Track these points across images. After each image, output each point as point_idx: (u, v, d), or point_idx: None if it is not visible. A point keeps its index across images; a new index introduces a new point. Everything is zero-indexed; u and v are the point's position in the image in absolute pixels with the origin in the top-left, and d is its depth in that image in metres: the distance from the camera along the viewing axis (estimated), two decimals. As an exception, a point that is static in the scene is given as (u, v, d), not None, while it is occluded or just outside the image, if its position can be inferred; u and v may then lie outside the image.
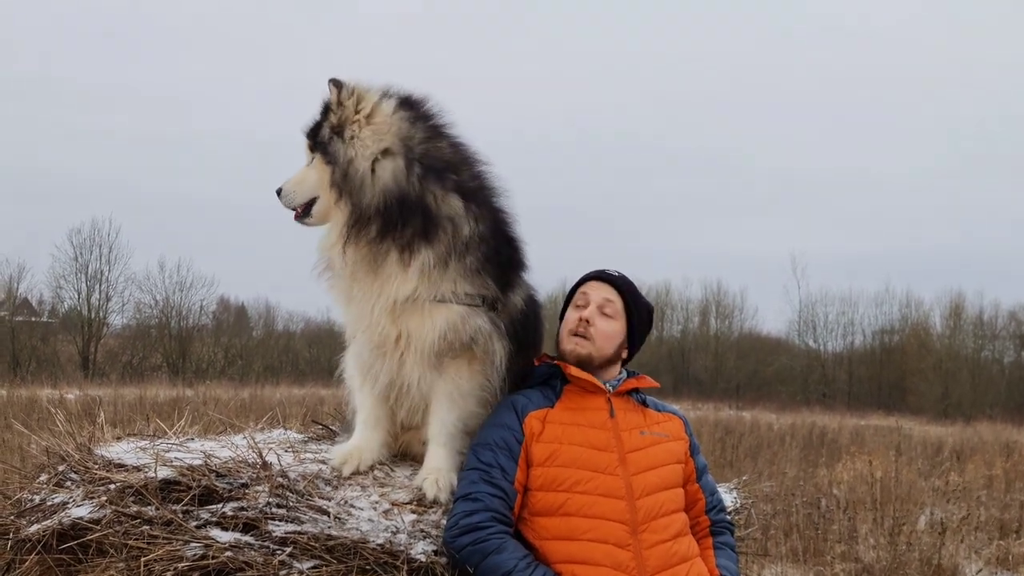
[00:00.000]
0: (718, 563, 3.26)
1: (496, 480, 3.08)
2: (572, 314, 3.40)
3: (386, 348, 3.31)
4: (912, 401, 42.17)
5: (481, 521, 2.98)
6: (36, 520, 3.08)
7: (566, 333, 3.38)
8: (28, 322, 40.63)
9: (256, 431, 3.96)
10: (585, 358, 3.30)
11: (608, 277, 3.44)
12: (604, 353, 3.33)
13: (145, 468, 3.14)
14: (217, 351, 43.23)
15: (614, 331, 3.36)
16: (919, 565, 8.06)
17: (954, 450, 17.61)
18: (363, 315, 3.29)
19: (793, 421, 24.08)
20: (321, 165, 3.29)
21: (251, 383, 28.62)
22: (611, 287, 3.41)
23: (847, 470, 13.28)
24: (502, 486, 3.07)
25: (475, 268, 3.23)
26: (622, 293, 3.40)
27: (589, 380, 3.26)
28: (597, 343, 3.32)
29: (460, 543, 2.94)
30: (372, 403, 3.45)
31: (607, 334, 3.34)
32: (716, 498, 3.45)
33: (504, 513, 3.04)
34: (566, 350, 3.34)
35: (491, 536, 2.95)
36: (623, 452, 3.16)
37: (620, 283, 3.42)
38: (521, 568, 2.91)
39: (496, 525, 3.00)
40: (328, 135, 3.28)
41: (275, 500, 3.00)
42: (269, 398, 18.90)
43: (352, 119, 3.25)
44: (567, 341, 3.36)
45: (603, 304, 3.37)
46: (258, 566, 2.73)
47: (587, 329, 3.32)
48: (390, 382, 3.36)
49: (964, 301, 46.79)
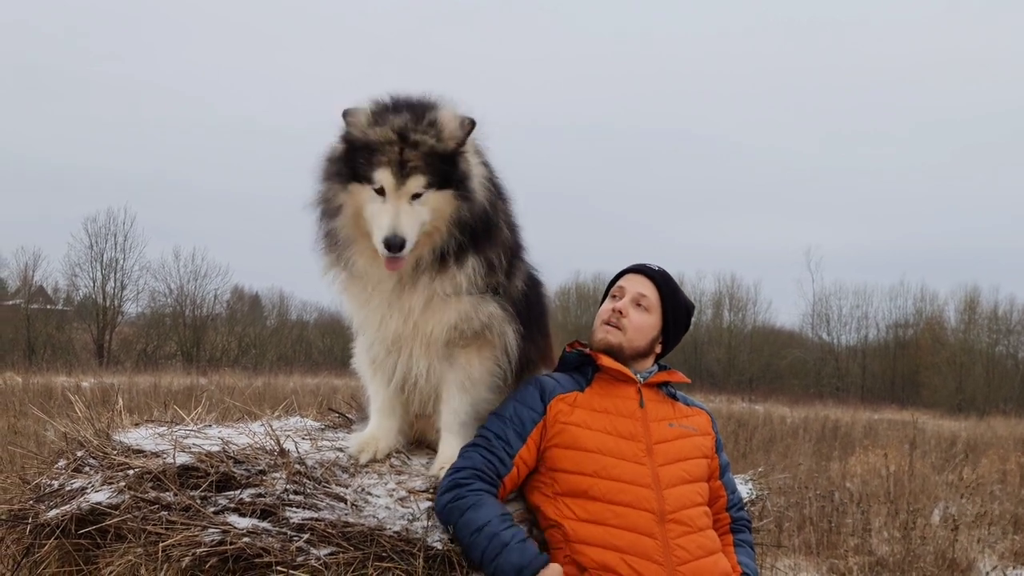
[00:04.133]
0: (739, 560, 3.26)
1: (494, 449, 3.09)
2: (607, 304, 3.42)
3: (400, 344, 3.31)
4: (926, 395, 42.01)
5: (463, 478, 3.00)
6: (55, 505, 3.10)
7: (599, 323, 3.39)
8: (43, 310, 40.82)
9: (273, 419, 3.97)
10: (615, 347, 3.31)
11: (647, 271, 3.45)
12: (635, 345, 3.34)
13: (163, 454, 3.16)
14: (231, 340, 43.33)
15: (647, 324, 3.36)
16: (933, 559, 8.03)
17: (968, 444, 17.53)
18: (381, 318, 3.27)
19: (806, 414, 24.01)
20: (445, 198, 3.06)
21: (264, 372, 28.68)
22: (649, 281, 3.42)
23: (860, 463, 13.25)
24: (498, 455, 3.08)
25: (489, 259, 3.23)
26: (659, 288, 3.40)
27: (620, 370, 3.26)
28: (628, 334, 3.32)
29: (442, 501, 2.96)
30: (386, 392, 3.46)
31: (639, 326, 3.34)
32: (737, 496, 3.45)
33: (488, 474, 3.04)
34: (596, 338, 3.36)
35: (469, 492, 2.95)
36: (651, 443, 3.17)
37: (658, 278, 3.43)
38: (495, 523, 2.89)
39: (476, 482, 3.00)
40: (447, 166, 3.05)
41: (292, 487, 3.01)
42: (283, 387, 18.94)
43: (462, 146, 3.10)
44: (599, 330, 3.37)
45: (638, 297, 3.37)
46: (275, 552, 2.74)
47: (619, 320, 3.33)
48: (403, 374, 3.37)
49: (979, 295, 46.58)
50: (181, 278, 42.71)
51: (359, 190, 3.05)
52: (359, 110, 3.09)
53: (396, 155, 2.99)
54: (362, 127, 3.05)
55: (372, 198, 3.03)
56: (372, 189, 3.02)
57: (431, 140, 3.01)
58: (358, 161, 3.04)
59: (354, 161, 3.05)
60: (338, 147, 3.13)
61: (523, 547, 2.87)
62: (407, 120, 3.02)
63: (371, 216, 3.04)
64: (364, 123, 3.05)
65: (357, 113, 3.08)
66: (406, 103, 3.11)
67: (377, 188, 3.01)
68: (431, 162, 3.01)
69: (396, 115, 3.04)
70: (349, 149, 3.08)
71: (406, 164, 2.99)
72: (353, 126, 3.06)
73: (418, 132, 3.01)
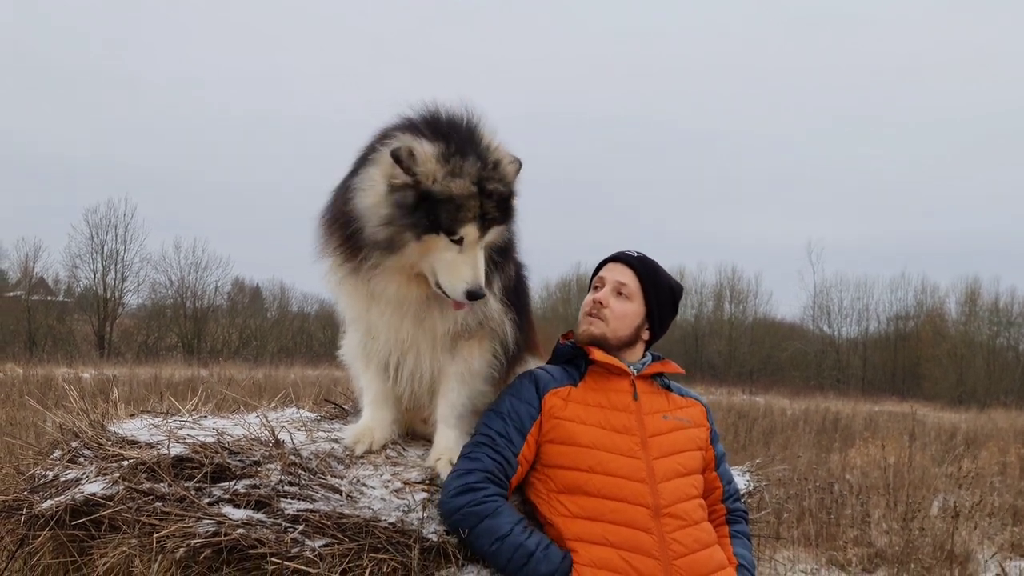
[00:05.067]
0: (735, 552, 3.25)
1: (499, 448, 3.07)
2: (588, 297, 3.40)
3: (407, 343, 3.30)
4: (926, 387, 42.02)
5: (476, 481, 2.98)
6: (49, 496, 3.09)
7: (582, 315, 3.38)
8: (44, 301, 40.80)
9: (269, 410, 3.97)
10: (599, 338, 3.29)
11: (626, 258, 3.41)
12: (619, 334, 3.32)
13: (158, 445, 3.16)
14: (232, 332, 43.33)
15: (629, 312, 3.34)
16: (932, 551, 8.03)
17: (968, 436, 17.54)
18: (389, 321, 3.25)
19: (807, 406, 24.01)
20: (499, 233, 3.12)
21: (265, 364, 28.70)
22: (628, 268, 3.38)
23: (860, 455, 13.26)
24: (504, 454, 3.07)
25: (507, 267, 3.27)
26: (639, 274, 3.37)
27: (613, 363, 3.25)
28: (611, 324, 3.30)
29: (455, 504, 2.94)
30: (381, 384, 3.44)
31: (621, 315, 3.32)
32: (733, 487, 3.43)
33: (499, 476, 3.04)
34: (580, 331, 3.34)
35: (487, 499, 2.95)
36: (645, 436, 3.15)
37: (637, 264, 3.39)
38: (518, 532, 2.90)
39: (491, 487, 2.99)
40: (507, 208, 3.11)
41: (287, 478, 3.00)
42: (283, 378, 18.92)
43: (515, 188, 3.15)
44: (582, 322, 3.35)
45: (618, 285, 3.35)
46: (270, 543, 2.73)
47: (600, 310, 3.31)
48: (408, 371, 3.36)
49: (980, 287, 46.57)
50: (182, 269, 42.71)
51: (434, 240, 3.00)
52: (423, 153, 2.95)
53: (478, 209, 2.98)
54: (436, 177, 2.94)
55: (447, 247, 3.00)
56: (450, 239, 2.99)
57: (502, 188, 3.03)
58: (440, 214, 2.95)
59: (434, 214, 2.95)
60: (408, 194, 2.96)
61: (547, 554, 2.90)
62: (479, 168, 2.99)
63: (444, 264, 3.01)
64: (437, 171, 2.94)
65: (423, 158, 2.95)
66: (460, 138, 3.03)
67: (456, 239, 2.99)
68: (503, 209, 3.06)
69: (465, 160, 2.98)
70: (424, 199, 2.95)
71: (486, 216, 3.01)
72: (425, 176, 2.94)
73: (492, 181, 3.01)
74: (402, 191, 2.96)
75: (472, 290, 3.00)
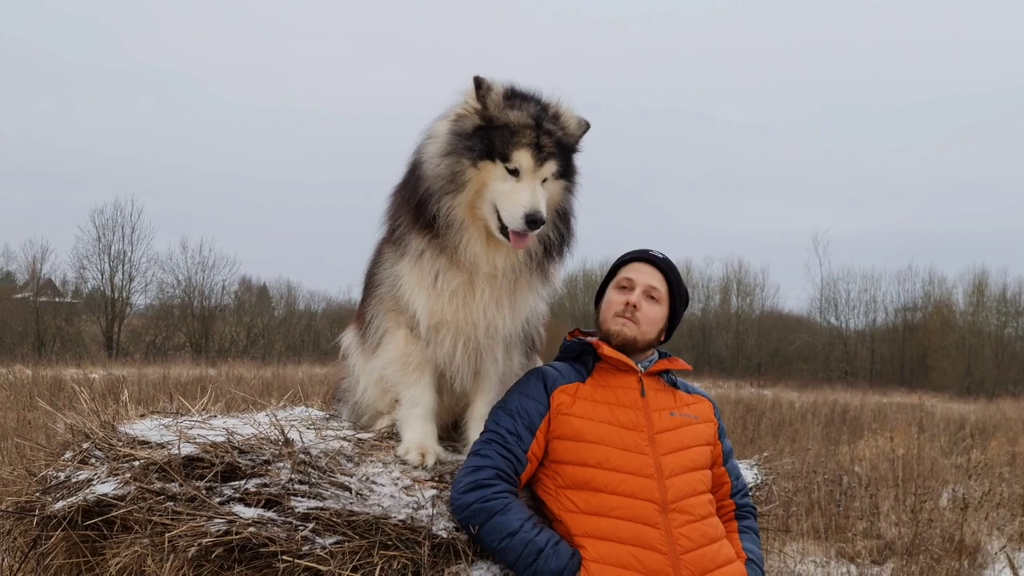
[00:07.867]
0: (744, 547, 3.25)
1: (509, 445, 3.09)
2: (617, 296, 3.38)
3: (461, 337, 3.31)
4: (935, 378, 41.87)
5: (486, 478, 3.00)
6: (61, 497, 3.11)
7: (611, 315, 3.35)
8: (52, 302, 40.87)
9: (278, 409, 3.99)
10: (631, 341, 3.30)
11: (653, 259, 3.41)
12: (648, 337, 3.33)
13: (169, 445, 3.17)
14: (239, 331, 43.37)
15: (659, 316, 3.36)
16: (941, 542, 8.03)
17: (977, 427, 17.49)
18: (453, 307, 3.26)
19: (815, 399, 23.95)
20: (560, 188, 3.24)
21: (273, 362, 28.72)
22: (658, 272, 3.39)
23: (869, 447, 13.23)
24: (514, 451, 3.08)
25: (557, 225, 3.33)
26: (668, 278, 3.39)
27: (622, 360, 3.25)
28: (643, 327, 3.31)
29: (465, 500, 2.95)
30: (432, 396, 3.44)
31: (652, 319, 3.34)
32: (741, 482, 3.44)
33: (509, 474, 3.05)
34: (611, 331, 3.33)
35: (497, 496, 2.96)
36: (652, 432, 3.16)
37: (665, 267, 3.41)
38: (527, 529, 2.91)
39: (501, 483, 3.01)
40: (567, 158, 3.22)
41: (297, 476, 3.02)
42: (291, 377, 18.95)
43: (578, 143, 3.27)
44: (613, 322, 3.33)
45: (649, 289, 3.35)
46: (281, 541, 2.75)
47: (634, 314, 3.31)
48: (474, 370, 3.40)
49: (987, 278, 46.37)
50: (189, 269, 42.73)
51: (490, 168, 3.08)
52: (494, 86, 3.12)
53: (534, 139, 3.07)
54: (499, 107, 3.09)
55: (504, 177, 3.07)
56: (505, 168, 3.06)
57: (559, 131, 3.13)
58: (495, 140, 3.06)
59: (490, 139, 3.07)
60: (467, 122, 3.11)
61: (557, 551, 2.91)
62: (538, 109, 3.13)
63: (502, 194, 3.06)
64: (500, 103, 3.10)
65: (493, 89, 3.11)
66: (527, 94, 3.19)
67: (511, 168, 3.05)
68: (560, 151, 3.13)
69: (525, 102, 3.14)
70: (484, 127, 3.09)
71: (543, 148, 3.09)
72: (491, 104, 3.09)
73: (550, 121, 3.12)
74: (462, 121, 3.11)
75: (529, 213, 3.01)
